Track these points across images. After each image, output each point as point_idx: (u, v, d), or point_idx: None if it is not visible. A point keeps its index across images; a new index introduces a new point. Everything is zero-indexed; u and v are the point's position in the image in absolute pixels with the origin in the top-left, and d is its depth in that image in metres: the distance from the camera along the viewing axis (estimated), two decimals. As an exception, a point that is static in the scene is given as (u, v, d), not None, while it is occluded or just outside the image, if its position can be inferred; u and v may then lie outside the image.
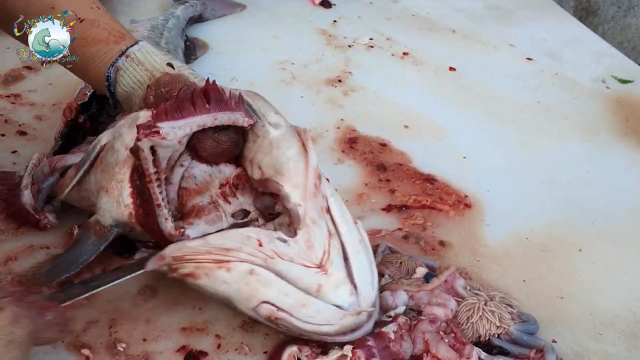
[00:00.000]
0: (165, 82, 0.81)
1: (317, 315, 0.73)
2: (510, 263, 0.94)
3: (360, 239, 0.78)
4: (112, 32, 0.86)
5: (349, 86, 1.29)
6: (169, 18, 1.34)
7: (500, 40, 1.51)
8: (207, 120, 0.75)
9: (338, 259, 0.75)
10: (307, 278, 0.74)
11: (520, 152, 1.18)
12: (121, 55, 0.85)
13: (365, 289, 0.75)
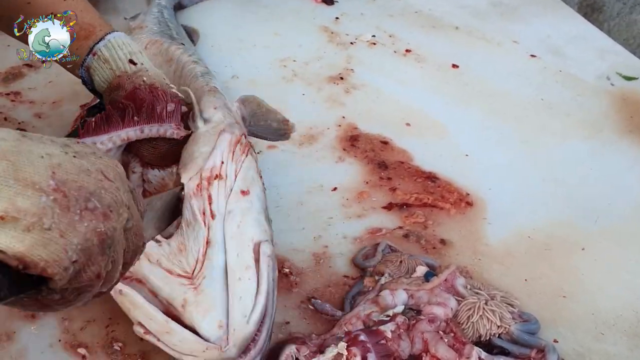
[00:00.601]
0: (113, 88, 0.81)
1: (180, 344, 0.69)
2: (512, 262, 0.94)
3: (249, 265, 0.72)
4: (82, 26, 0.84)
5: (350, 84, 1.29)
6: (161, 10, 1.33)
7: (503, 37, 1.50)
8: (132, 134, 0.77)
9: (216, 279, 0.70)
10: (172, 287, 0.70)
11: (522, 150, 1.17)
12: (89, 53, 0.84)
13: (239, 323, 0.68)
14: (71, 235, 0.46)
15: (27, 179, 0.44)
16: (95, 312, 0.80)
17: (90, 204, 0.48)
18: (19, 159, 0.45)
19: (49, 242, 0.45)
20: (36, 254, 0.44)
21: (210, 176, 0.76)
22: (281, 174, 1.05)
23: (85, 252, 0.47)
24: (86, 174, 0.48)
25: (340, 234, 0.95)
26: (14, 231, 0.43)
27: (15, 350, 0.76)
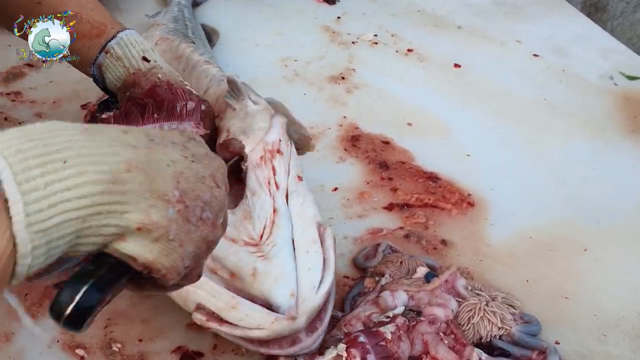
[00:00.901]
0: (128, 85, 0.82)
1: (246, 318, 0.67)
2: (514, 262, 0.93)
3: (315, 239, 0.73)
4: (94, 24, 0.85)
5: (352, 83, 1.28)
6: (182, 8, 1.34)
7: (507, 36, 1.49)
8: None
9: (285, 247, 0.71)
10: (239, 256, 0.69)
11: (525, 150, 1.16)
12: (101, 51, 0.84)
13: (308, 293, 0.69)
14: (187, 245, 0.50)
15: (159, 190, 0.47)
16: (94, 312, 0.80)
17: (204, 214, 0.51)
18: (151, 169, 0.47)
19: (171, 252, 0.48)
20: (160, 263, 0.48)
21: (273, 150, 0.78)
22: (282, 174, 1.05)
23: (195, 258, 0.51)
24: (201, 182, 0.51)
25: (340, 234, 0.95)
26: (145, 241, 0.47)
27: (13, 351, 0.76)
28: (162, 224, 0.47)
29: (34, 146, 0.42)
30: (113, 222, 0.45)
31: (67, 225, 0.42)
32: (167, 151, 0.50)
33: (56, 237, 0.42)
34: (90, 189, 0.43)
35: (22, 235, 0.40)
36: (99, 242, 0.45)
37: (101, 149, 0.45)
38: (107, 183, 0.44)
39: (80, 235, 0.43)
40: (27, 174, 0.40)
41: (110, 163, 0.45)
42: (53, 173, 0.42)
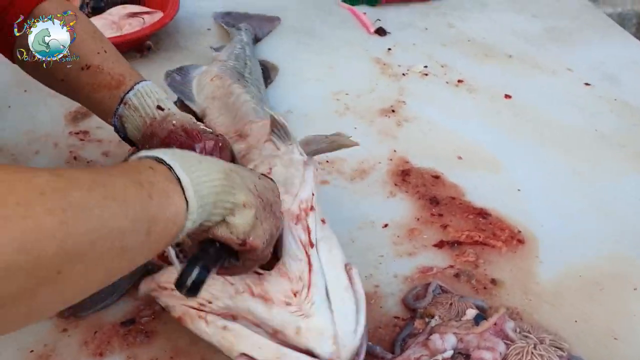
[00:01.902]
0: (147, 138, 0.88)
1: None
2: (562, 302, 0.94)
3: (347, 285, 0.78)
4: (114, 76, 0.92)
5: (402, 116, 1.31)
6: (244, 45, 1.39)
7: (558, 64, 1.50)
8: None
9: (322, 303, 0.75)
10: (282, 317, 0.74)
11: (576, 183, 1.17)
12: (120, 102, 0.91)
13: (348, 338, 0.74)
14: (266, 225, 0.70)
15: (248, 186, 0.69)
16: (158, 350, 0.84)
17: (273, 208, 0.73)
18: (241, 175, 0.70)
19: (257, 227, 0.69)
20: (253, 232, 0.68)
21: (307, 207, 0.83)
22: (333, 210, 1.07)
23: (270, 237, 0.72)
24: (267, 190, 0.73)
25: (391, 272, 0.98)
26: (246, 214, 0.67)
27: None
28: (255, 204, 0.68)
29: (181, 154, 0.65)
30: (230, 199, 0.66)
31: (210, 196, 0.63)
32: (243, 171, 0.72)
33: (205, 203, 0.63)
34: (217, 175, 0.65)
35: (192, 198, 0.61)
36: (221, 214, 0.66)
37: (212, 160, 0.68)
38: (224, 174, 0.66)
39: (214, 205, 0.64)
40: (185, 165, 0.62)
41: (221, 166, 0.68)
42: (196, 166, 0.64)
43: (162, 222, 0.58)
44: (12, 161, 1.13)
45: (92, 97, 0.92)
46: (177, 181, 0.61)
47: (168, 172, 0.61)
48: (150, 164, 0.62)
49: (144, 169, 0.60)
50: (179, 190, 0.60)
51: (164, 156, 0.62)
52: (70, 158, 1.14)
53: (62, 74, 0.92)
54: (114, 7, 1.46)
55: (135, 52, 1.42)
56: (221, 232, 0.67)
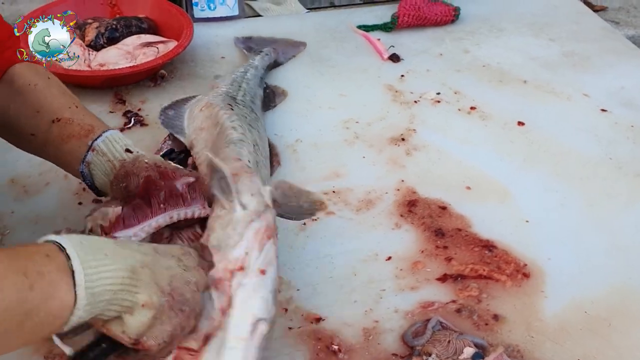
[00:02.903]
0: (121, 177, 0.88)
1: None
2: (566, 339, 0.92)
3: (244, 337, 0.76)
4: (83, 126, 0.94)
5: (412, 145, 1.30)
6: (247, 69, 1.40)
7: (574, 89, 1.47)
8: (162, 222, 0.83)
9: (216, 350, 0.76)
10: None
11: (586, 215, 1.14)
12: (89, 149, 0.92)
13: None
14: (167, 325, 0.69)
15: (158, 284, 0.68)
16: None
17: (184, 307, 0.70)
18: (155, 270, 0.68)
19: (157, 327, 0.68)
20: (149, 334, 0.68)
21: (234, 269, 0.79)
22: (337, 242, 1.08)
23: (170, 337, 0.70)
24: (186, 285, 0.71)
25: (391, 307, 0.97)
26: (144, 315, 0.66)
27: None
28: (156, 306, 0.67)
29: (89, 244, 0.65)
30: (129, 298, 0.65)
31: (105, 293, 0.63)
32: (167, 260, 0.71)
33: (98, 300, 0.62)
34: (119, 273, 0.65)
35: (81, 294, 0.61)
36: (117, 311, 0.65)
37: (125, 252, 0.68)
38: (129, 272, 0.66)
39: (109, 303, 0.64)
40: (85, 258, 0.62)
41: (130, 260, 0.67)
42: (100, 260, 0.64)
43: (40, 315, 0.58)
44: (24, 192, 1.15)
45: (61, 148, 0.94)
46: (70, 274, 0.61)
47: (64, 263, 0.61)
48: (49, 251, 0.62)
49: (39, 257, 0.61)
50: (69, 284, 0.61)
51: (67, 244, 0.63)
52: (79, 189, 1.15)
53: (32, 128, 0.95)
54: (128, 37, 1.48)
55: (149, 82, 1.44)
56: (114, 328, 0.67)
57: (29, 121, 0.94)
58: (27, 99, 0.95)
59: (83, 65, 1.41)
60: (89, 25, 1.49)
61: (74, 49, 1.42)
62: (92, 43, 1.46)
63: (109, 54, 1.44)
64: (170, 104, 1.24)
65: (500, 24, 1.73)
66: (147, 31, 1.52)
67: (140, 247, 0.71)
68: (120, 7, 1.60)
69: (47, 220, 1.10)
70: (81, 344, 0.70)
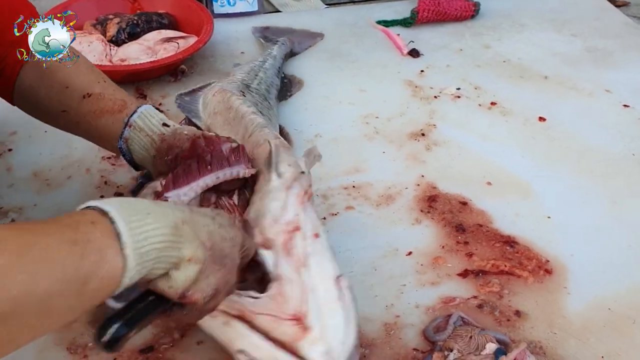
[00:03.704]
0: (164, 150, 0.90)
1: None
2: (589, 337, 0.91)
3: (336, 298, 0.80)
4: (115, 101, 0.95)
5: (432, 140, 1.29)
6: (266, 59, 1.41)
7: (596, 85, 1.46)
8: (210, 181, 0.86)
9: (316, 316, 0.78)
10: (284, 330, 0.77)
11: (609, 211, 1.13)
12: (125, 125, 0.93)
13: (337, 348, 0.77)
14: (212, 278, 0.70)
15: (201, 237, 0.68)
16: None
17: (224, 261, 0.71)
18: (195, 226, 0.69)
19: (201, 281, 0.68)
20: (195, 286, 0.68)
21: (291, 230, 0.84)
22: (357, 237, 1.07)
23: (215, 290, 0.71)
24: (224, 241, 0.72)
25: (412, 302, 0.96)
26: (190, 269, 0.67)
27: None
28: (201, 259, 0.68)
29: (129, 205, 0.65)
30: (175, 254, 0.66)
31: (152, 252, 0.63)
32: (203, 218, 0.71)
33: (145, 260, 0.63)
34: (163, 231, 0.65)
35: (130, 255, 0.61)
36: (164, 268, 0.66)
37: (165, 210, 0.67)
38: (172, 229, 0.66)
39: (156, 261, 0.64)
40: (129, 219, 0.62)
41: (172, 217, 0.67)
42: (143, 220, 0.64)
43: (95, 281, 0.59)
44: (46, 186, 1.16)
45: (95, 124, 0.95)
46: (116, 237, 0.61)
47: (109, 227, 0.61)
48: (93, 217, 0.62)
49: (83, 224, 0.60)
50: (116, 247, 0.61)
51: (109, 208, 0.62)
52: (101, 182, 1.16)
53: (63, 105, 0.95)
54: (149, 32, 1.49)
55: (169, 77, 1.44)
56: (161, 285, 0.67)
57: (59, 97, 0.94)
58: (56, 75, 0.95)
59: (104, 60, 1.42)
60: (110, 21, 1.50)
61: (96, 44, 1.43)
62: (113, 38, 1.47)
63: (130, 49, 1.45)
64: (188, 91, 1.26)
65: (521, 19, 1.71)
66: (167, 27, 1.53)
67: (177, 207, 0.70)
68: (141, 3, 1.60)
69: (69, 214, 1.10)
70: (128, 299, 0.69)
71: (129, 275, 0.61)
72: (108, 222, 0.61)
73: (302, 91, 1.43)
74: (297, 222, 0.84)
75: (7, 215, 1.09)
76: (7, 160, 1.21)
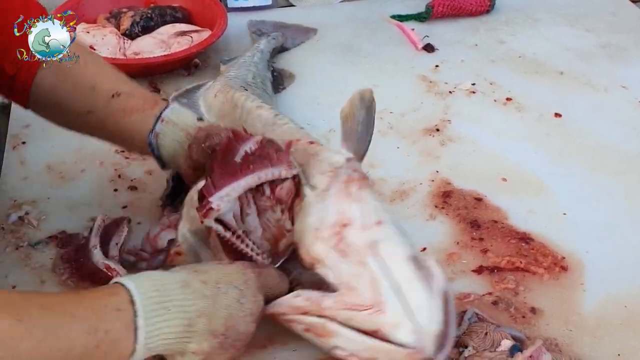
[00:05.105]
0: (202, 138, 0.90)
1: (383, 356, 0.77)
2: (604, 334, 0.90)
3: (412, 277, 0.79)
4: (146, 100, 0.95)
5: (446, 136, 1.29)
6: (254, 53, 1.42)
7: (611, 81, 1.44)
8: (251, 182, 0.84)
9: (392, 296, 0.78)
10: (363, 319, 0.77)
11: (625, 208, 1.12)
12: (157, 120, 0.93)
13: (425, 324, 0.77)
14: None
15: (213, 329, 0.72)
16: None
17: (236, 342, 0.75)
18: (213, 314, 0.72)
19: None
20: None
21: (338, 231, 0.83)
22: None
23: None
24: (243, 320, 0.75)
25: (427, 298, 0.96)
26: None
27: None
28: (206, 352, 0.73)
29: (155, 295, 0.70)
30: (181, 347, 0.71)
31: (160, 347, 0.70)
32: (227, 298, 0.74)
33: (152, 351, 0.70)
34: (177, 329, 0.70)
35: (140, 351, 0.68)
36: (169, 354, 0.73)
37: (188, 302, 0.72)
38: (186, 326, 0.71)
39: (163, 350, 0.71)
40: (150, 314, 0.69)
41: (190, 312, 0.71)
42: (162, 316, 0.69)
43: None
44: (59, 179, 1.16)
45: (122, 122, 0.94)
46: (134, 331, 0.68)
47: (131, 318, 0.68)
48: (120, 302, 0.69)
49: (110, 310, 0.68)
50: (130, 340, 0.68)
51: (138, 298, 0.69)
52: (115, 176, 1.16)
53: (88, 105, 0.95)
54: (163, 26, 1.49)
55: (183, 71, 1.44)
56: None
57: (85, 98, 0.94)
58: (80, 76, 0.95)
59: (118, 54, 1.42)
60: (124, 14, 1.50)
61: (109, 37, 1.43)
62: (127, 32, 1.47)
63: (144, 43, 1.45)
64: (181, 91, 1.27)
65: (535, 14, 1.70)
66: (181, 20, 1.53)
67: (205, 287, 0.74)
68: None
69: (83, 207, 1.10)
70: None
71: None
72: (131, 313, 0.68)
73: (315, 85, 1.43)
74: (342, 219, 0.83)
75: (21, 208, 1.09)
76: (20, 153, 1.22)
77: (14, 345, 0.60)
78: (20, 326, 0.61)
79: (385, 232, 0.84)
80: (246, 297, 0.75)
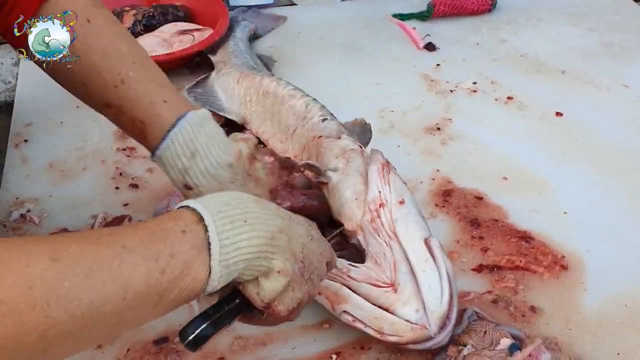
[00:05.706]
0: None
1: (387, 327, 0.82)
2: (605, 333, 0.90)
3: (427, 258, 0.85)
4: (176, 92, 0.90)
5: (447, 134, 1.29)
6: (237, 42, 1.45)
7: (613, 80, 1.44)
8: None
9: (406, 277, 0.84)
10: (378, 295, 0.84)
11: (626, 208, 1.12)
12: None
13: (433, 304, 0.82)
14: (297, 292, 0.69)
15: (293, 250, 0.68)
16: None
17: (312, 275, 0.71)
18: (291, 235, 0.68)
19: (286, 294, 0.68)
20: (279, 299, 0.68)
21: (377, 207, 0.90)
22: (372, 231, 1.07)
23: (298, 304, 0.70)
24: (315, 254, 0.72)
25: (427, 297, 0.96)
26: (278, 281, 0.66)
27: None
28: (290, 272, 0.67)
29: (227, 209, 0.63)
30: (265, 264, 0.65)
31: (240, 263, 0.63)
32: (299, 227, 0.71)
33: (232, 270, 0.62)
34: (258, 241, 0.64)
35: (216, 268, 0.61)
36: (253, 274, 0.65)
37: (266, 216, 0.66)
38: (268, 239, 0.65)
39: (244, 269, 0.64)
40: (223, 228, 0.62)
41: (270, 226, 0.66)
42: (237, 229, 0.63)
43: (174, 292, 0.59)
44: (61, 177, 1.16)
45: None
46: (206, 247, 0.61)
47: (201, 235, 0.61)
48: (185, 224, 0.61)
49: (173, 234, 0.59)
50: (204, 259, 0.60)
51: (206, 214, 0.62)
52: (116, 174, 1.17)
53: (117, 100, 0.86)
54: (165, 24, 1.49)
55: (185, 69, 1.44)
56: (249, 290, 0.67)
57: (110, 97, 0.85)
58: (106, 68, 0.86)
59: (120, 52, 1.42)
60: (126, 13, 1.50)
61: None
62: (129, 30, 1.47)
63: (146, 42, 1.44)
64: (194, 83, 1.31)
65: (537, 13, 1.70)
66: (183, 19, 1.53)
67: (279, 211, 0.69)
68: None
69: (85, 205, 1.11)
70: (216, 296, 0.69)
71: (212, 285, 0.61)
72: (201, 229, 0.61)
73: (318, 84, 1.42)
74: (380, 198, 0.90)
75: (23, 206, 1.10)
76: (22, 152, 1.22)
77: (50, 287, 0.50)
78: (56, 266, 0.51)
79: (404, 212, 0.90)
80: (314, 237, 0.73)
